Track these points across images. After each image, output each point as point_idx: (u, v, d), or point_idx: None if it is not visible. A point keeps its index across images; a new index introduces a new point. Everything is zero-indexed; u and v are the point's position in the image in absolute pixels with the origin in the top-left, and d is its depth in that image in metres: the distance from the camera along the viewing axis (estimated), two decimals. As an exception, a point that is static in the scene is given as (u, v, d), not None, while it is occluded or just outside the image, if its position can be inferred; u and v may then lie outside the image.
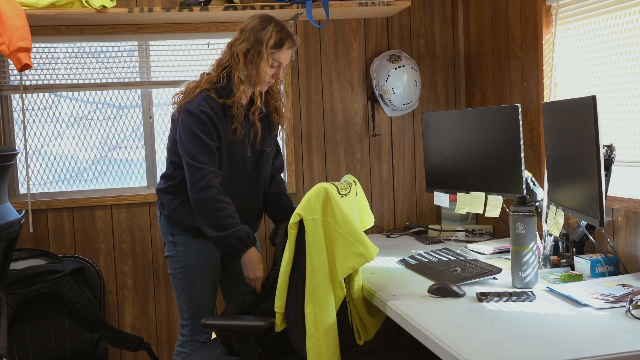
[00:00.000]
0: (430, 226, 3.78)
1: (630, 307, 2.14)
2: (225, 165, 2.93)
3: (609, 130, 2.86)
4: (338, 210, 2.44)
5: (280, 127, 3.16)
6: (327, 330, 2.42)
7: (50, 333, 3.36)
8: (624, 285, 2.42)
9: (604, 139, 2.34)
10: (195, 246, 2.98)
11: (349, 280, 2.58)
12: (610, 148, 2.51)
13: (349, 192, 2.67)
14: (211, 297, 3.02)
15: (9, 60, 3.42)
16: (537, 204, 2.88)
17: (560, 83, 3.20)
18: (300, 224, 2.44)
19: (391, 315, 2.39)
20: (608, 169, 2.52)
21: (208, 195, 2.81)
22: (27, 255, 3.48)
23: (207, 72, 3.01)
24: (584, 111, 2.32)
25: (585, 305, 2.25)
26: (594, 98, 2.25)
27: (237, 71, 2.90)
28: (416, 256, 3.09)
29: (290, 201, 3.24)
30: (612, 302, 2.24)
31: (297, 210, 2.43)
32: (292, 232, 2.44)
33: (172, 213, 2.98)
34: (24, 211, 2.88)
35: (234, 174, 2.96)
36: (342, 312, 2.61)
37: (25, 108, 3.67)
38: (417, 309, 2.31)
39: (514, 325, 2.10)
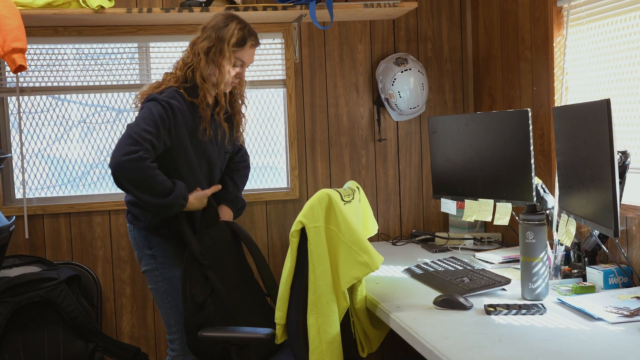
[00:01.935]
0: (437, 234, 3.71)
1: (647, 322, 2.06)
2: (197, 168, 2.87)
3: (622, 136, 2.80)
4: (341, 218, 2.38)
5: (241, 129, 3.09)
6: (331, 342, 2.36)
7: (43, 342, 3.28)
8: (638, 298, 2.34)
9: (617, 145, 2.26)
10: (173, 254, 2.90)
11: (351, 290, 2.53)
12: (624, 154, 2.44)
13: (353, 198, 2.60)
14: None
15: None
16: (547, 212, 2.81)
17: (571, 87, 3.14)
18: (302, 232, 2.38)
19: (395, 328, 2.32)
20: (622, 176, 2.45)
21: (142, 165, 2.62)
22: (22, 262, 3.41)
23: (170, 71, 2.92)
24: (597, 116, 2.24)
25: (599, 319, 2.17)
26: (608, 102, 2.17)
27: (198, 70, 2.83)
28: (422, 265, 3.02)
29: (236, 178, 3.16)
30: (626, 316, 2.17)
31: (299, 218, 2.39)
32: (293, 240, 2.40)
33: (149, 225, 2.88)
34: (14, 217, 2.82)
35: (201, 177, 2.90)
36: (345, 323, 2.55)
37: (21, 111, 3.60)
38: (422, 322, 2.24)
39: (524, 340, 2.02)
